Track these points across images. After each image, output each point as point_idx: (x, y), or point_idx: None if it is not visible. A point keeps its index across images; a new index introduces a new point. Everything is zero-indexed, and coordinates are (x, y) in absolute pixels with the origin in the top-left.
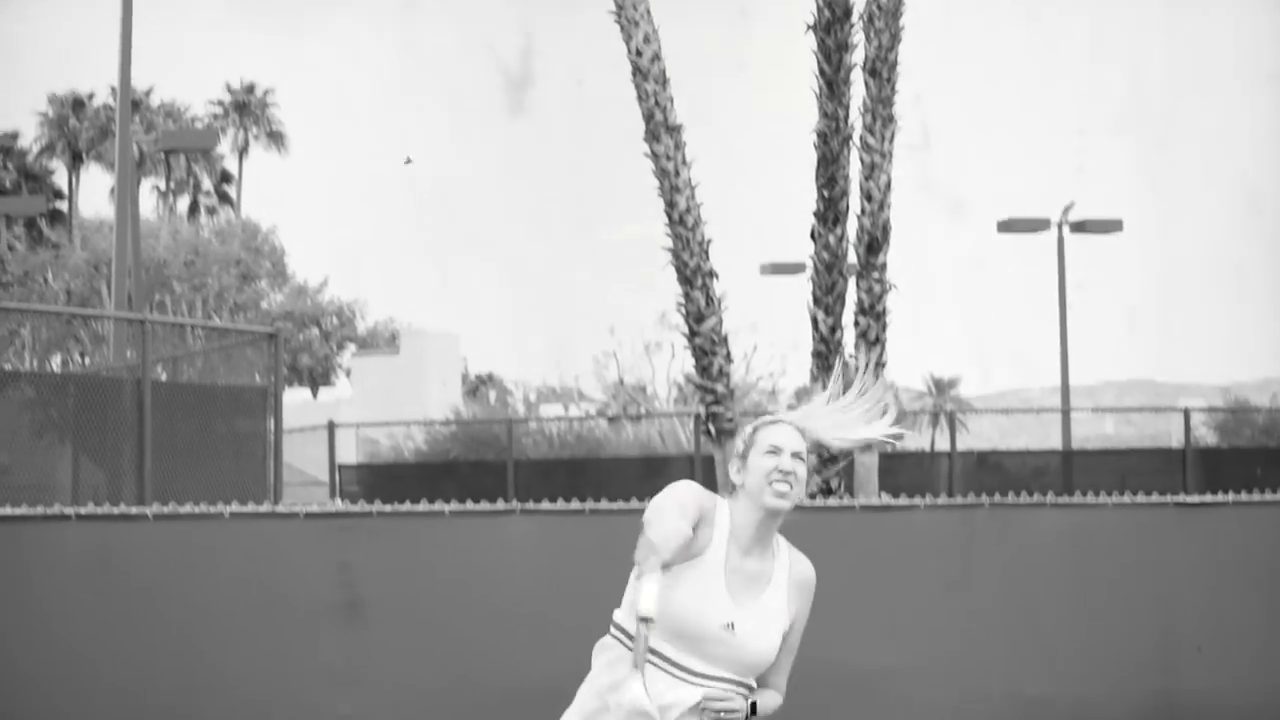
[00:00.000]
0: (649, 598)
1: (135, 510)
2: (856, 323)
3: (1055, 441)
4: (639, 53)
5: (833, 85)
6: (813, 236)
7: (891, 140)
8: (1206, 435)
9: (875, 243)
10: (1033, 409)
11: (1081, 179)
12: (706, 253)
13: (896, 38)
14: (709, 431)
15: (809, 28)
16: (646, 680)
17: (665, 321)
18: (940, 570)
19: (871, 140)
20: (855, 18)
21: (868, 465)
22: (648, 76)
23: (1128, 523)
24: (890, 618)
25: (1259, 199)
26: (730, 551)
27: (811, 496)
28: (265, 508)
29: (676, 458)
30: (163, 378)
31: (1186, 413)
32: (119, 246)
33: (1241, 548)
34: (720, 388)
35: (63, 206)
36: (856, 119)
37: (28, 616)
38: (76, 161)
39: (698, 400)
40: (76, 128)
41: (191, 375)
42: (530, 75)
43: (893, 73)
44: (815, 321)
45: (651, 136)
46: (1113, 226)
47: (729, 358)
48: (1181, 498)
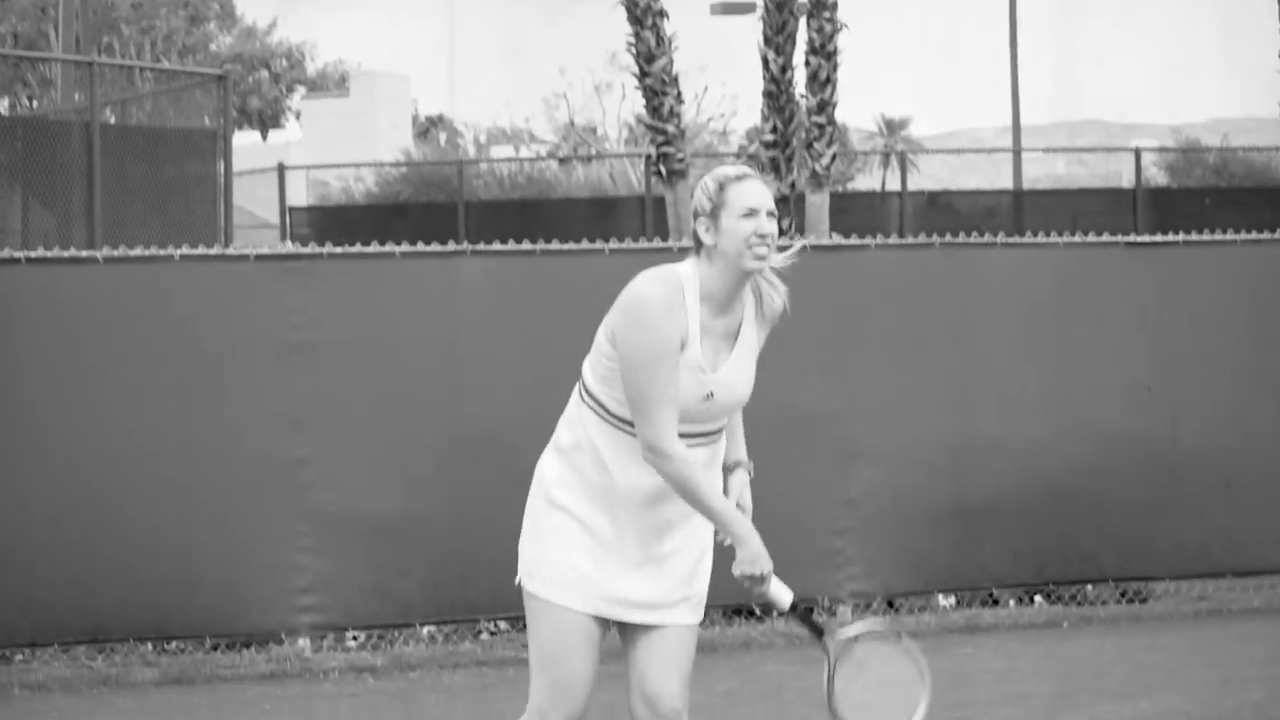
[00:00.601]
0: (779, 588)
1: (85, 254)
2: (807, 63)
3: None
4: None
5: None
6: None
7: None
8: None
9: None
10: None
11: None
12: None
13: None
14: (660, 172)
15: None
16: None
17: (616, 62)
18: (890, 311)
19: None
20: None
21: (818, 205)
22: None
23: (1078, 262)
24: (839, 359)
25: None
26: (704, 317)
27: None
28: (215, 250)
29: (627, 198)
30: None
31: (1138, 153)
32: None
33: (1191, 287)
34: (671, 128)
35: None
36: None
37: None
38: None
39: (649, 141)
40: None
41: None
42: None
43: None
44: (766, 62)
45: None
46: None
47: (680, 98)
48: (1132, 237)
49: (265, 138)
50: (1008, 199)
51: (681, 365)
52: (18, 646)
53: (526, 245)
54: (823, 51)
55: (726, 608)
